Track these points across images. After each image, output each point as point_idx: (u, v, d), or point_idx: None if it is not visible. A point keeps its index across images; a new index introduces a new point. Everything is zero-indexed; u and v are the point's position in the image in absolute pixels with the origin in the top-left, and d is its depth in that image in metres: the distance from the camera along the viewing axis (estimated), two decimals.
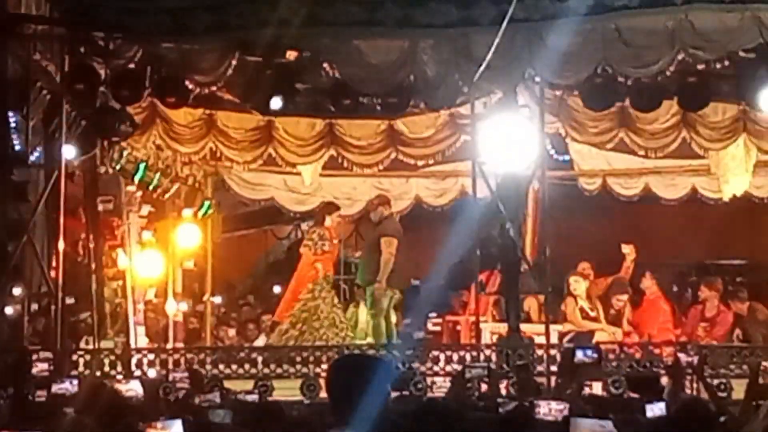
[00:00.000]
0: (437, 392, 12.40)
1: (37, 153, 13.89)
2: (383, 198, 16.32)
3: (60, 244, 13.25)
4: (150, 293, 17.30)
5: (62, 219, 13.30)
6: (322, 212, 16.51)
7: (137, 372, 12.83)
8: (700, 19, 12.56)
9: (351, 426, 4.61)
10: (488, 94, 13.96)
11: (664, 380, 11.52)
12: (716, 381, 12.01)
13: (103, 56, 13.01)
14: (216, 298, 18.97)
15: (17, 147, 13.45)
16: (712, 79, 13.44)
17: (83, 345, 14.34)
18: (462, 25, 12.74)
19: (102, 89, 13.13)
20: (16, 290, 13.37)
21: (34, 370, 11.90)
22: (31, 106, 13.17)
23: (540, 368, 12.69)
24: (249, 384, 12.46)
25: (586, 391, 11.72)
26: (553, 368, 12.57)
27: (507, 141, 13.22)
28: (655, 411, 8.84)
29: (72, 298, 14.07)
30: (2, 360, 12.33)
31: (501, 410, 9.55)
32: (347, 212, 17.50)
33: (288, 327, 15.50)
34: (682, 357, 11.90)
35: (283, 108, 13.63)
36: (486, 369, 12.12)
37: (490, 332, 15.01)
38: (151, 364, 13.04)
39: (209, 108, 15.15)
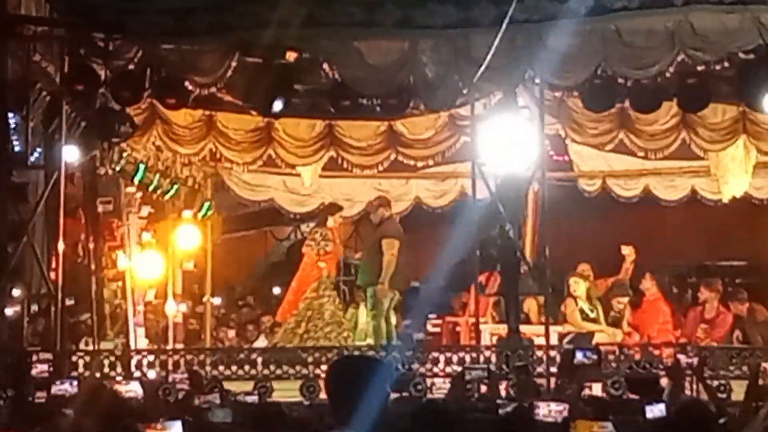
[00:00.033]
0: (437, 393, 12.38)
1: (37, 154, 13.88)
2: (383, 199, 16.29)
3: (60, 246, 13.24)
4: (150, 294, 17.28)
5: (62, 220, 13.29)
6: (325, 213, 16.51)
7: (137, 373, 12.82)
8: (700, 21, 12.54)
9: (351, 427, 4.61)
10: (488, 95, 13.93)
11: (664, 381, 11.51)
12: (716, 382, 12.00)
13: (103, 57, 12.99)
14: (215, 300, 18.97)
15: (17, 148, 13.45)
16: (712, 81, 13.43)
17: (83, 346, 14.34)
18: (462, 26, 12.72)
19: (102, 90, 13.12)
20: (16, 291, 13.39)
21: (34, 371, 11.89)
22: (31, 107, 13.17)
23: (540, 369, 12.68)
24: (249, 385, 12.44)
25: (586, 393, 11.71)
26: (553, 369, 12.56)
27: (507, 142, 13.21)
28: (655, 412, 8.84)
29: (72, 300, 14.07)
30: (2, 361, 12.35)
31: (501, 411, 9.57)
32: (347, 213, 17.46)
33: (293, 326, 15.50)
34: (682, 358, 11.89)
35: (283, 109, 13.62)
36: (486, 370, 12.11)
37: (490, 333, 15.01)
38: (151, 366, 13.03)
39: (209, 109, 15.13)
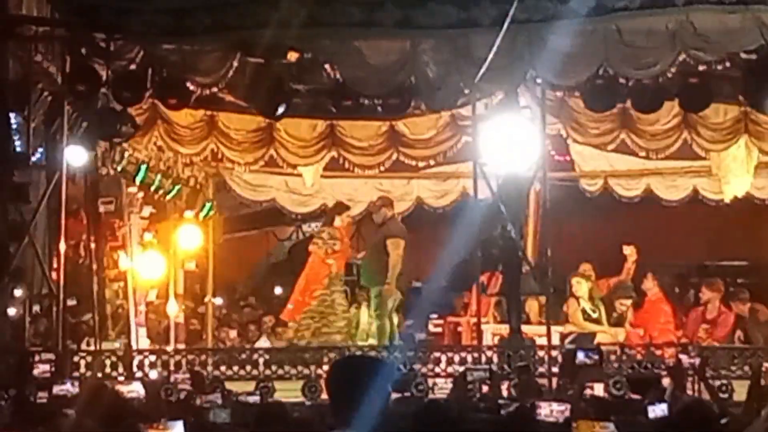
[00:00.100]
0: (438, 393, 12.37)
1: (39, 154, 13.88)
2: (386, 199, 16.27)
3: (61, 246, 13.24)
4: (151, 294, 17.30)
5: (63, 220, 13.29)
6: (332, 212, 16.51)
7: (138, 373, 12.82)
8: (701, 21, 12.53)
9: (352, 427, 4.60)
10: (489, 96, 13.92)
11: (666, 382, 11.50)
12: (718, 382, 11.99)
13: (104, 57, 13.00)
14: (217, 300, 18.97)
15: (18, 148, 13.46)
16: (714, 81, 13.42)
17: (84, 346, 14.34)
18: (462, 26, 12.71)
19: (103, 90, 13.12)
20: (18, 291, 13.38)
21: (36, 372, 11.88)
22: (33, 108, 13.17)
23: (541, 369, 12.68)
24: (250, 385, 12.44)
25: (588, 393, 11.69)
26: (555, 369, 12.56)
27: (508, 142, 13.22)
28: (657, 412, 8.82)
29: (73, 300, 14.09)
30: (4, 361, 12.36)
31: (502, 411, 9.54)
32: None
33: (308, 321, 15.50)
34: (684, 358, 11.87)
35: (285, 110, 13.61)
36: (487, 371, 12.10)
37: (492, 333, 15.02)
38: (153, 366, 13.03)
39: (210, 109, 15.15)
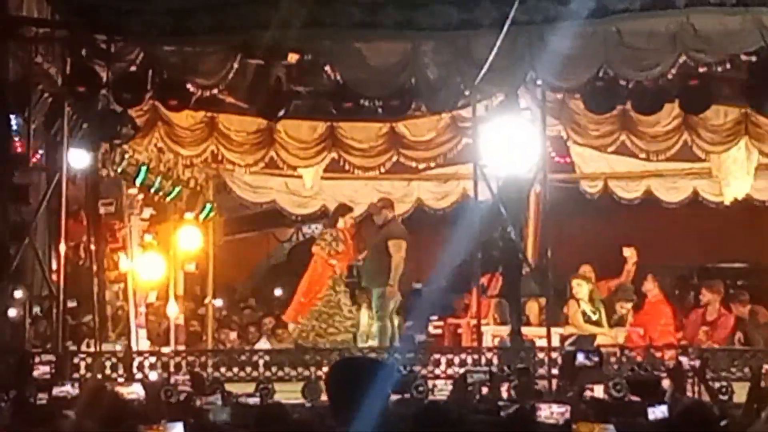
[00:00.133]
0: (438, 395, 12.37)
1: (39, 155, 13.89)
2: (387, 201, 16.29)
3: (61, 247, 13.25)
4: (151, 296, 17.29)
5: (64, 222, 13.30)
6: (335, 214, 16.54)
7: (138, 375, 12.83)
8: (702, 22, 12.54)
9: (352, 429, 4.60)
10: (490, 97, 13.92)
11: (666, 383, 11.50)
12: (718, 384, 11.99)
13: (105, 59, 13.00)
14: (217, 301, 18.96)
15: (19, 149, 13.46)
16: (714, 82, 13.41)
17: (84, 348, 14.35)
18: (463, 28, 12.72)
19: (103, 92, 13.12)
20: (18, 293, 13.37)
21: (36, 373, 11.89)
22: (33, 109, 13.18)
23: (541, 371, 12.68)
24: (250, 387, 12.43)
25: (588, 395, 11.69)
26: (555, 371, 12.56)
27: (508, 144, 13.22)
28: (657, 414, 8.82)
29: (73, 301, 14.10)
30: (4, 362, 12.35)
31: (502, 413, 9.53)
32: None
33: (314, 322, 15.52)
34: (684, 360, 11.87)
35: (285, 111, 13.62)
36: (487, 372, 12.09)
37: (492, 335, 15.00)
38: (153, 367, 13.02)
39: (211, 111, 15.14)
